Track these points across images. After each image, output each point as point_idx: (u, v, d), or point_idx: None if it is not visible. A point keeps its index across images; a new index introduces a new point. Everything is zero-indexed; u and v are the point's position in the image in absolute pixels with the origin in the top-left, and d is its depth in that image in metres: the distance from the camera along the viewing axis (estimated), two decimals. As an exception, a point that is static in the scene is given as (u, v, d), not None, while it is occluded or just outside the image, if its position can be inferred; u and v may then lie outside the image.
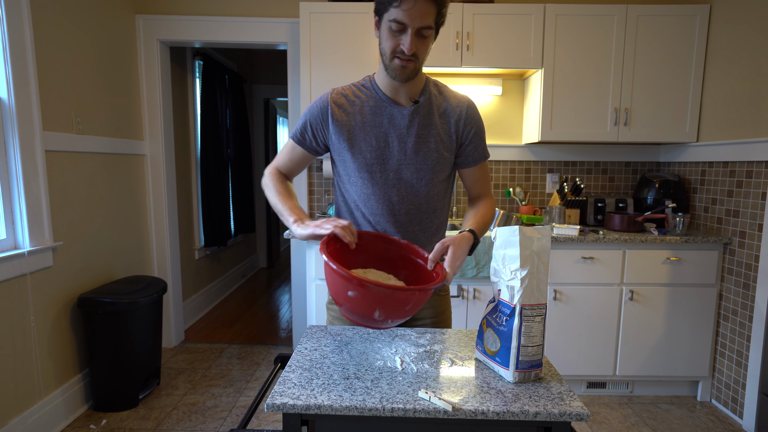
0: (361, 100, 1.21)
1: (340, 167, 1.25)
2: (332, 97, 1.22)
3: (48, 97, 2.14)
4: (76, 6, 2.34)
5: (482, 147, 1.29)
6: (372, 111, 1.20)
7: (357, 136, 1.20)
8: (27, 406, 2.02)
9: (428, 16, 1.06)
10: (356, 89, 1.23)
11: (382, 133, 1.20)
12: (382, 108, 1.20)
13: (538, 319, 0.93)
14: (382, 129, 1.20)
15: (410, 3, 1.03)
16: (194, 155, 3.77)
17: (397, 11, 1.04)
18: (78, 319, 2.34)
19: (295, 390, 0.88)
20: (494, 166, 3.00)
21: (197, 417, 2.32)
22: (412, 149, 1.20)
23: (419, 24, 1.05)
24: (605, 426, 2.29)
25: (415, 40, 1.07)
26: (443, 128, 1.23)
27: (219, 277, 4.36)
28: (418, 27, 1.06)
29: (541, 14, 2.52)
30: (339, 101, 1.21)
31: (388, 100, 1.20)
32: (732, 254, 2.39)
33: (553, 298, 2.45)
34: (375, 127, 1.20)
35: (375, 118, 1.20)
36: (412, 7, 1.03)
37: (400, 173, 1.21)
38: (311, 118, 1.23)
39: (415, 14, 1.04)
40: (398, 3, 1.04)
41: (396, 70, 1.12)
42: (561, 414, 0.82)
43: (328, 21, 2.53)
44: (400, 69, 1.11)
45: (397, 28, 1.06)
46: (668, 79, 2.58)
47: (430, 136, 1.21)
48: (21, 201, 1.99)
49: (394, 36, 1.08)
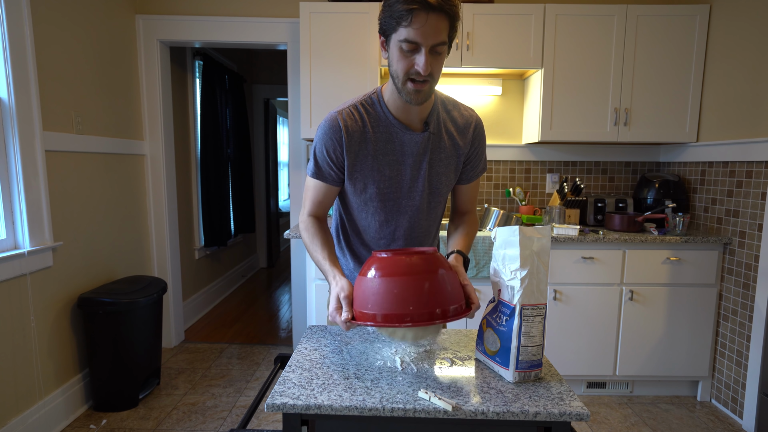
0: (372, 126, 1.13)
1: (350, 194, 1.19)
2: (343, 123, 1.12)
3: (48, 97, 2.14)
4: (76, 6, 2.34)
5: (482, 163, 1.27)
6: (384, 138, 1.14)
7: (371, 165, 1.14)
8: (27, 406, 2.02)
9: (442, 32, 0.98)
10: (364, 111, 1.14)
11: (395, 161, 1.15)
12: (394, 134, 1.14)
13: (538, 319, 0.93)
14: (395, 156, 1.15)
15: (422, 20, 0.95)
16: (194, 155, 3.77)
17: (407, 30, 0.96)
18: (78, 319, 2.34)
19: (295, 390, 0.88)
20: (494, 166, 3.00)
21: (197, 417, 2.32)
22: (424, 176, 1.17)
23: (433, 41, 0.97)
24: (605, 426, 2.29)
25: (430, 59, 0.99)
26: (452, 151, 1.19)
27: (219, 277, 4.36)
28: (432, 44, 0.98)
29: (541, 14, 2.52)
30: (351, 127, 1.12)
31: (400, 125, 1.13)
32: (732, 254, 2.39)
33: (553, 298, 2.45)
34: (388, 155, 1.15)
35: (387, 145, 1.14)
36: (424, 25, 0.95)
37: (413, 199, 1.19)
38: (326, 147, 1.13)
39: (427, 31, 0.96)
40: (408, 21, 0.95)
41: (411, 94, 1.04)
42: (561, 414, 0.82)
43: (328, 21, 2.53)
44: (415, 93, 1.04)
45: (409, 48, 0.98)
46: (668, 79, 2.58)
47: (441, 161, 1.18)
48: (21, 201, 1.99)
49: (407, 57, 1.00)
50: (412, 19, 0.95)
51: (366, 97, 1.16)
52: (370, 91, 1.17)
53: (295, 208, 3.02)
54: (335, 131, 1.12)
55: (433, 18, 0.95)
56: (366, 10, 2.52)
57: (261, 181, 5.50)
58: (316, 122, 2.60)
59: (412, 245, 1.24)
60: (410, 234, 1.23)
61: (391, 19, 0.98)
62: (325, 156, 1.14)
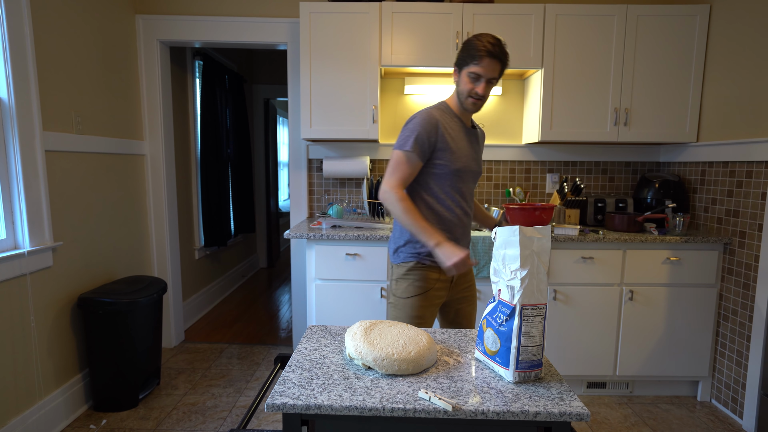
0: (449, 121, 1.63)
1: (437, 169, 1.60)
2: (437, 116, 1.59)
3: (48, 97, 2.14)
4: (76, 6, 2.34)
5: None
6: (459, 129, 1.65)
7: (458, 144, 1.62)
8: (27, 406, 2.02)
9: (496, 71, 1.55)
10: (443, 113, 1.63)
11: (467, 144, 1.66)
12: (462, 128, 1.66)
13: (538, 319, 0.93)
14: (467, 141, 1.66)
15: (486, 62, 1.52)
16: (194, 155, 3.77)
17: (476, 66, 1.54)
18: (78, 319, 2.34)
19: (295, 390, 0.88)
20: (494, 166, 3.00)
21: (197, 417, 2.32)
22: (479, 156, 1.74)
23: (490, 76, 1.55)
24: (605, 426, 2.29)
25: (486, 86, 1.56)
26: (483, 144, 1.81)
27: (219, 277, 4.36)
28: (489, 78, 1.55)
29: (541, 14, 2.52)
30: (442, 119, 1.60)
31: (463, 123, 1.67)
32: (732, 254, 2.39)
33: (553, 298, 2.45)
34: (464, 141, 1.65)
35: (461, 133, 1.65)
36: (487, 65, 1.53)
37: (475, 173, 1.71)
38: (425, 131, 1.56)
39: (488, 70, 1.54)
40: (477, 62, 1.53)
41: (470, 106, 1.61)
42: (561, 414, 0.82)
43: (328, 21, 2.53)
44: (473, 105, 1.61)
45: (475, 77, 1.56)
46: (668, 79, 2.58)
47: (480, 147, 1.77)
48: (21, 201, 1.99)
49: (471, 82, 1.56)
50: (479, 60, 1.52)
51: (440, 105, 1.66)
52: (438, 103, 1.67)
53: (295, 208, 3.02)
54: (433, 121, 1.58)
55: (494, 62, 1.53)
56: (366, 10, 2.52)
57: (261, 181, 5.50)
58: (316, 122, 2.60)
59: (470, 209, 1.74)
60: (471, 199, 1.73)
61: (467, 57, 1.55)
62: (423, 137, 1.56)
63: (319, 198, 3.04)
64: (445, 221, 1.67)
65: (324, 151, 2.99)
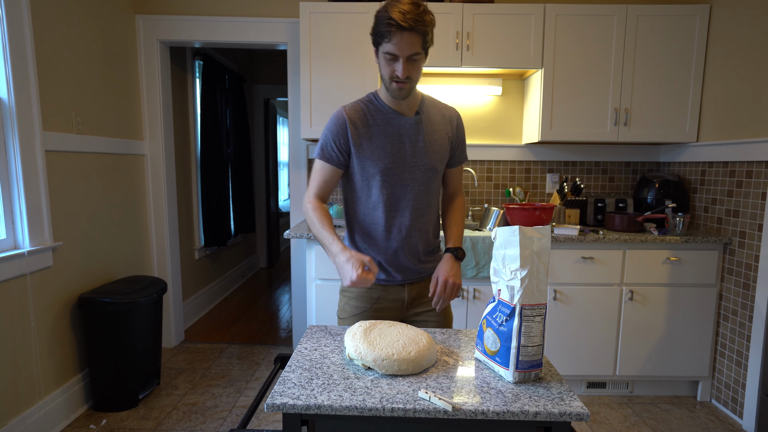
0: (372, 114, 1.36)
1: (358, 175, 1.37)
2: (346, 113, 1.34)
3: (48, 97, 2.14)
4: (76, 6, 2.34)
5: (464, 152, 1.52)
6: (383, 122, 1.36)
7: (375, 143, 1.34)
8: (27, 406, 2.02)
9: (415, 45, 1.21)
10: (364, 105, 1.37)
11: (395, 140, 1.35)
12: (391, 119, 1.36)
13: (538, 319, 0.93)
14: (395, 136, 1.35)
15: (397, 38, 1.20)
16: (194, 155, 3.77)
17: (388, 45, 1.22)
18: (78, 319, 2.34)
19: (295, 390, 0.88)
20: (494, 166, 3.00)
21: (197, 417, 2.32)
22: (422, 149, 1.37)
23: (408, 53, 1.22)
24: (605, 426, 2.29)
25: (407, 66, 1.24)
26: (444, 131, 1.42)
27: (219, 277, 4.36)
28: (407, 55, 1.22)
29: (541, 14, 2.52)
30: (353, 116, 1.34)
31: (394, 112, 1.36)
32: (732, 254, 2.39)
33: (553, 298, 2.45)
34: (389, 135, 1.35)
35: (387, 127, 1.35)
36: (399, 41, 1.20)
37: (414, 173, 1.37)
38: (332, 134, 1.34)
39: (403, 45, 1.21)
40: (388, 39, 1.21)
41: (395, 92, 1.29)
42: (561, 414, 0.82)
43: (328, 21, 2.53)
44: (398, 90, 1.28)
45: (391, 57, 1.24)
46: (668, 79, 2.58)
47: (435, 142, 1.39)
48: (21, 201, 1.99)
49: (390, 64, 1.25)
50: (390, 36, 1.20)
51: (365, 97, 1.40)
52: (368, 93, 1.41)
53: (295, 208, 3.02)
54: (340, 120, 1.34)
55: (406, 35, 1.19)
56: (366, 10, 2.52)
57: (261, 181, 5.50)
58: (316, 122, 2.60)
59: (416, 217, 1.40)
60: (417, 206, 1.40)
61: (377, 35, 1.24)
62: (329, 140, 1.34)
63: (319, 198, 3.03)
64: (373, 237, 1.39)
65: (324, 151, 2.98)
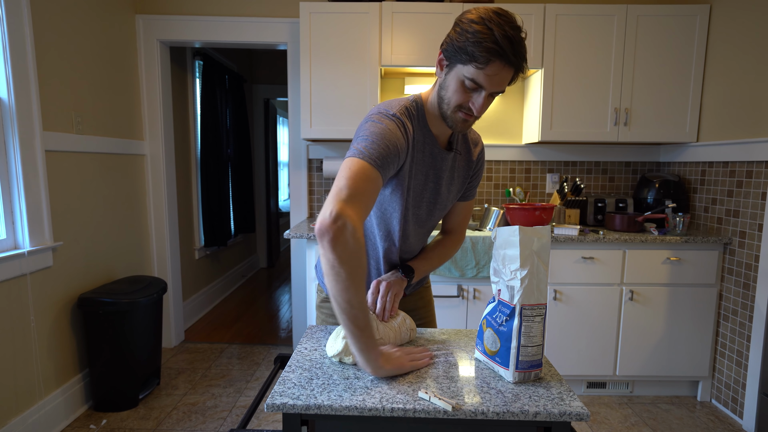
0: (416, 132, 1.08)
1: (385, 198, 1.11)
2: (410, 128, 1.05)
3: (48, 97, 2.14)
4: (76, 6, 2.34)
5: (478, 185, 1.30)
6: (423, 147, 1.09)
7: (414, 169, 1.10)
8: (27, 406, 2.02)
9: (506, 82, 0.98)
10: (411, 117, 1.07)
11: (425, 172, 1.12)
12: (428, 146, 1.10)
13: (538, 319, 0.93)
14: (426, 168, 1.12)
15: (495, 69, 0.93)
16: (194, 155, 3.77)
17: (477, 72, 0.94)
18: (78, 319, 2.34)
19: (295, 390, 0.88)
20: (494, 166, 3.00)
21: (197, 417, 2.32)
22: (443, 191, 1.17)
23: (496, 89, 0.98)
24: (605, 426, 2.29)
25: (487, 101, 1.00)
26: (464, 171, 1.21)
27: (219, 277, 4.36)
28: (494, 91, 0.98)
29: (541, 14, 2.52)
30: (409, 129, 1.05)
31: (433, 139, 1.11)
32: (732, 254, 2.39)
33: (553, 298, 2.45)
34: (424, 165, 1.11)
35: (424, 156, 1.10)
36: (495, 74, 0.94)
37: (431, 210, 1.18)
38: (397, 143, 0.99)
39: (495, 80, 0.95)
40: (483, 66, 0.93)
41: (457, 123, 1.04)
42: (561, 414, 0.82)
43: (328, 21, 2.53)
44: (462, 122, 1.03)
45: (472, 87, 0.97)
46: (668, 79, 2.58)
47: (454, 180, 1.19)
48: (21, 201, 1.99)
49: (465, 92, 0.99)
50: (487, 65, 0.93)
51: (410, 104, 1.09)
52: (410, 98, 1.10)
53: (295, 208, 3.02)
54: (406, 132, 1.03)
55: (505, 70, 0.95)
56: (366, 10, 2.52)
57: (261, 181, 5.50)
58: (316, 122, 2.60)
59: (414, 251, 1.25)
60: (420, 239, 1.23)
61: (465, 53, 0.94)
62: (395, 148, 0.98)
63: (319, 198, 3.04)
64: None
65: (324, 151, 2.99)
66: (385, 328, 1.08)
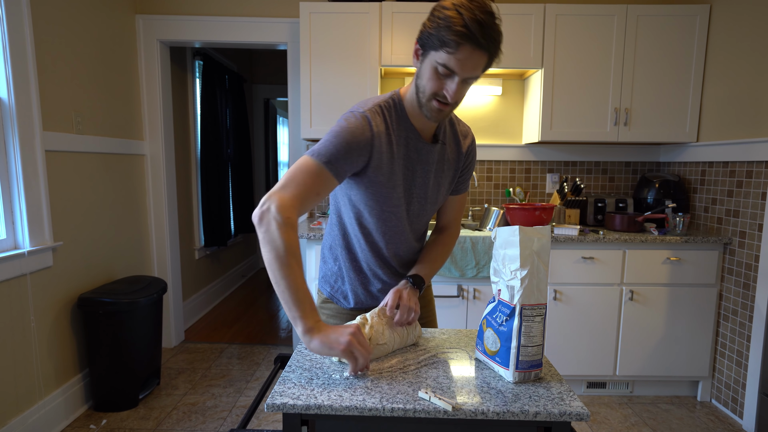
0: (394, 129, 1.09)
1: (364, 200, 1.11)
2: (375, 127, 1.05)
3: (48, 97, 2.14)
4: (76, 6, 2.34)
5: (470, 178, 1.30)
6: (404, 142, 1.10)
7: (394, 169, 1.09)
8: (27, 406, 2.02)
9: (479, 66, 0.97)
10: (387, 113, 1.08)
11: (410, 169, 1.12)
12: (411, 140, 1.11)
13: (538, 319, 0.93)
14: (412, 163, 1.12)
15: (466, 53, 0.93)
16: (194, 155, 3.77)
17: (449, 57, 0.95)
18: (78, 319, 2.34)
19: (295, 390, 0.88)
20: (494, 166, 3.00)
21: (197, 417, 2.32)
22: (432, 184, 1.17)
23: (468, 74, 0.97)
24: (605, 426, 2.29)
25: (461, 87, 1.00)
26: (454, 163, 1.21)
27: (219, 277, 4.36)
28: (467, 76, 0.98)
29: (541, 14, 2.52)
30: (380, 132, 1.06)
31: (416, 133, 1.11)
32: (732, 254, 2.39)
33: (553, 298, 2.45)
34: (409, 160, 1.11)
35: (407, 151, 1.11)
36: (466, 58, 0.94)
37: (422, 204, 1.18)
38: (351, 146, 1.02)
39: (467, 65, 0.95)
40: (453, 50, 0.93)
41: (432, 112, 1.04)
42: (561, 414, 0.82)
43: (328, 21, 2.53)
44: (437, 111, 1.03)
45: (445, 72, 0.97)
46: (668, 79, 2.58)
47: (444, 172, 1.19)
48: (21, 201, 1.99)
49: (439, 79, 0.99)
50: (457, 49, 0.94)
51: (386, 101, 1.10)
52: (388, 95, 1.12)
53: (295, 208, 3.02)
54: (366, 134, 1.04)
55: (476, 54, 0.95)
56: (366, 10, 2.52)
57: (261, 181, 5.50)
58: (316, 122, 2.60)
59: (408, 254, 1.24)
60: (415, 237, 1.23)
61: (436, 39, 0.95)
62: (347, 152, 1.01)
63: (319, 198, 3.03)
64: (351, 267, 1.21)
65: (324, 151, 2.98)
66: (392, 333, 1.07)
